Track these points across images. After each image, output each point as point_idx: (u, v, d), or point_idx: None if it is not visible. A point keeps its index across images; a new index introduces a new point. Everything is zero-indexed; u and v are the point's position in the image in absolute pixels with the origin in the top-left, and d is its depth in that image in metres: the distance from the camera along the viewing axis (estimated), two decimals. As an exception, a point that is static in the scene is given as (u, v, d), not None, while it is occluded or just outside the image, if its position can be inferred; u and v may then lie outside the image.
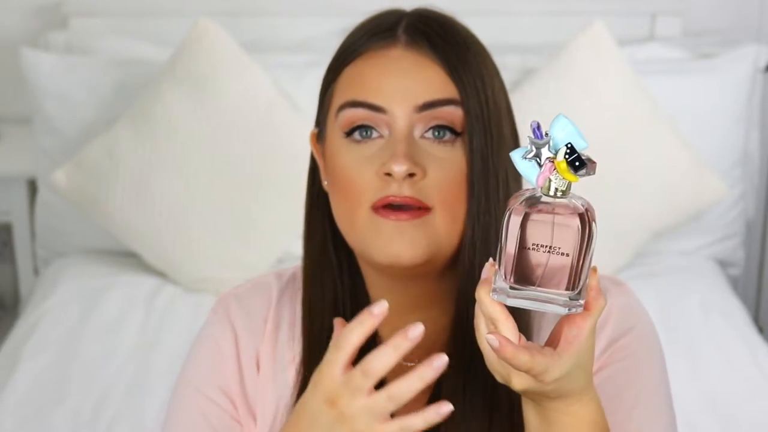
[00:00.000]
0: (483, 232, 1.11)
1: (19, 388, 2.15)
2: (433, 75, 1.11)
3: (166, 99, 2.47)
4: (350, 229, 1.13)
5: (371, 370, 0.97)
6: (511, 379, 0.99)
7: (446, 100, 1.11)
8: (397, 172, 1.08)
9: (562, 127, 0.93)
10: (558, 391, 1.00)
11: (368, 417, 0.97)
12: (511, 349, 0.95)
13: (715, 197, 2.55)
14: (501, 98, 1.14)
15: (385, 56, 1.12)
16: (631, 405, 1.15)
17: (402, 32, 1.13)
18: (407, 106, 1.10)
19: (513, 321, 0.97)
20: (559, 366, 0.97)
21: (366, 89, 1.11)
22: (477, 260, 1.11)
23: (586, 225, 0.94)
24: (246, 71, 2.49)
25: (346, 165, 1.12)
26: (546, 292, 0.96)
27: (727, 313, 2.42)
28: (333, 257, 1.19)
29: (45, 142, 2.63)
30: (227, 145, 2.46)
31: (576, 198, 0.95)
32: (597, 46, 2.50)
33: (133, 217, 2.47)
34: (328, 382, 0.99)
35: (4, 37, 2.90)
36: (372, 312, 0.98)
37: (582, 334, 0.98)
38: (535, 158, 0.94)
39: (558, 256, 0.95)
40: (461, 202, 1.11)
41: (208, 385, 1.21)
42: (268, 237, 2.50)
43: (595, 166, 0.93)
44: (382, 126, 1.11)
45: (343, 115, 1.12)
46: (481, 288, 0.98)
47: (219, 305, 1.26)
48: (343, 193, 1.12)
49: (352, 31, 1.17)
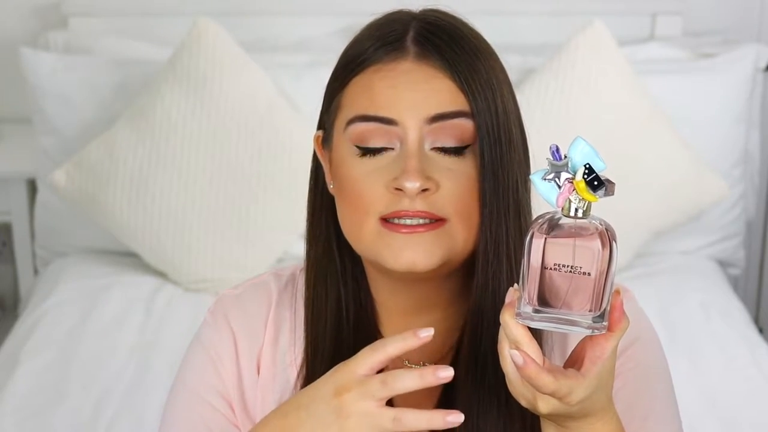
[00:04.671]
0: (495, 242, 1.11)
1: (19, 388, 2.15)
2: (443, 87, 1.10)
3: (165, 99, 2.47)
4: (358, 239, 1.13)
5: (391, 383, 0.97)
6: (537, 403, 0.99)
7: (457, 112, 1.10)
8: (410, 188, 1.07)
9: (581, 149, 0.95)
10: (582, 411, 1.00)
11: (365, 424, 0.98)
12: (535, 367, 0.96)
13: (715, 197, 2.55)
14: (510, 103, 1.13)
15: (394, 69, 1.11)
16: (644, 415, 1.15)
17: (411, 43, 1.12)
18: (418, 118, 1.09)
19: (537, 344, 0.98)
20: (584, 387, 0.98)
21: (376, 103, 1.10)
22: (490, 271, 1.11)
23: (606, 245, 0.95)
24: (246, 71, 2.49)
25: (356, 177, 1.11)
26: (570, 314, 0.96)
27: (727, 313, 2.42)
28: (337, 259, 1.18)
29: (45, 142, 2.63)
30: (227, 145, 2.46)
31: (596, 218, 0.96)
32: (597, 46, 2.50)
33: (133, 217, 2.47)
34: (347, 374, 1.00)
35: (4, 37, 2.90)
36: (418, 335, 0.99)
37: (605, 354, 0.98)
38: (554, 180, 0.95)
39: (580, 276, 0.95)
40: (475, 210, 1.10)
41: (205, 389, 1.20)
42: (268, 237, 2.50)
43: (614, 186, 0.94)
44: (392, 138, 1.10)
45: (353, 129, 1.11)
46: (506, 311, 0.98)
47: (217, 307, 1.25)
48: (351, 203, 1.12)
49: (359, 37, 1.15)
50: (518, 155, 1.12)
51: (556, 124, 2.45)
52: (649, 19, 2.86)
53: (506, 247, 1.10)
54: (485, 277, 1.11)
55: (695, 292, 2.48)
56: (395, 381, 0.97)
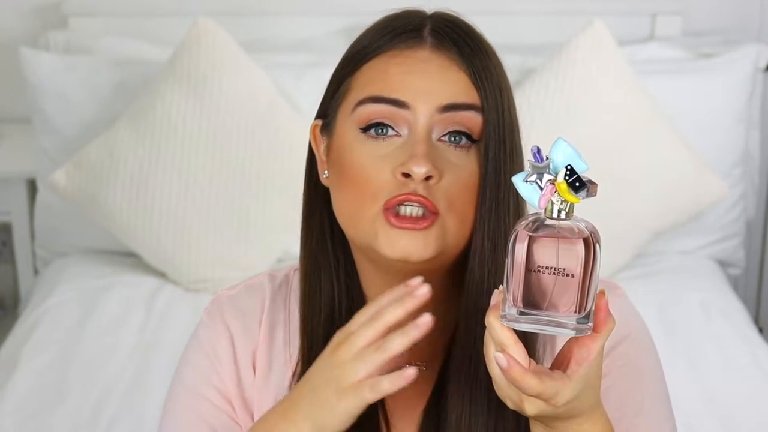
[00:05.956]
0: (492, 241, 1.11)
1: (19, 388, 2.15)
2: (457, 79, 1.11)
3: (165, 99, 2.47)
4: (355, 225, 1.12)
5: (384, 346, 0.99)
6: (523, 405, 0.99)
7: (468, 104, 1.10)
8: (417, 173, 1.07)
9: (562, 150, 0.95)
10: (569, 412, 1.00)
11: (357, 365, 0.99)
12: (519, 370, 0.96)
13: (715, 197, 2.55)
14: (513, 108, 1.15)
15: (411, 56, 1.12)
16: (634, 413, 1.15)
17: (428, 34, 1.13)
18: (430, 105, 1.10)
19: (522, 346, 0.98)
20: (570, 388, 0.98)
21: (390, 86, 1.11)
22: (485, 270, 1.11)
23: (590, 246, 0.95)
24: (246, 71, 2.49)
25: (361, 161, 1.11)
26: (555, 315, 0.96)
27: (727, 313, 2.42)
28: (330, 253, 1.19)
29: (45, 142, 2.63)
30: (227, 145, 2.46)
31: (579, 220, 0.96)
32: (597, 46, 2.50)
33: (133, 217, 2.47)
34: (342, 333, 1.03)
35: (4, 37, 2.90)
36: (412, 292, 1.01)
37: (591, 355, 0.98)
38: (536, 181, 0.95)
39: (564, 277, 0.95)
40: (470, 206, 1.11)
41: (205, 387, 1.20)
42: (267, 237, 2.50)
43: (596, 187, 0.95)
44: (401, 124, 1.10)
45: (362, 110, 1.11)
46: (491, 314, 0.98)
47: (213, 306, 1.25)
48: (354, 188, 1.11)
49: (372, 28, 1.16)
50: (520, 159, 1.13)
51: (556, 124, 2.45)
52: (649, 19, 2.86)
53: (503, 247, 1.10)
54: (480, 275, 1.11)
55: (695, 292, 2.48)
56: (388, 343, 0.99)
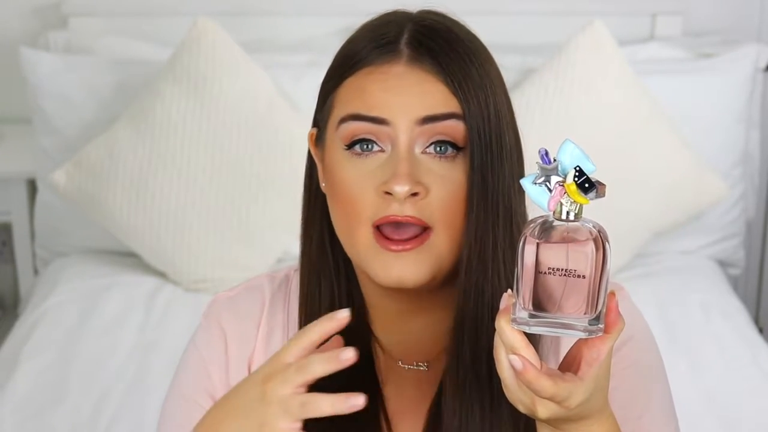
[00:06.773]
0: (480, 249, 1.10)
1: (19, 388, 2.15)
2: (435, 90, 1.09)
3: (165, 99, 2.47)
4: (350, 245, 1.12)
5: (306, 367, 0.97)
6: (535, 408, 0.99)
7: (448, 114, 1.09)
8: (399, 192, 1.07)
9: (570, 152, 0.94)
10: (580, 414, 1.00)
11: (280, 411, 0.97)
12: (534, 372, 0.95)
13: (715, 197, 2.55)
14: (504, 107, 1.12)
15: (387, 72, 1.10)
16: (638, 414, 1.15)
17: (405, 46, 1.11)
18: (409, 119, 1.09)
19: (533, 349, 0.97)
20: (582, 390, 0.97)
21: (368, 104, 1.10)
22: (474, 278, 1.11)
23: (600, 247, 0.95)
24: (246, 71, 2.49)
25: (347, 179, 1.10)
26: (565, 317, 0.96)
27: (727, 313, 2.42)
28: (330, 257, 1.18)
29: (45, 142, 2.63)
30: (227, 145, 2.46)
31: (588, 221, 0.96)
32: (597, 46, 2.50)
33: (133, 217, 2.47)
34: (275, 363, 1.00)
35: (4, 37, 2.90)
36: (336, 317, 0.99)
37: (601, 356, 0.98)
38: (544, 184, 0.95)
39: (574, 279, 0.95)
40: (461, 217, 1.10)
41: (199, 393, 1.20)
42: (267, 237, 2.50)
43: (604, 188, 0.94)
44: (384, 139, 1.10)
45: (345, 128, 1.11)
46: (501, 317, 0.98)
47: (210, 309, 1.25)
48: (343, 206, 1.11)
49: (354, 37, 1.15)
50: (511, 161, 1.11)
51: (556, 124, 2.45)
52: (649, 19, 2.86)
53: (493, 254, 1.09)
54: (468, 283, 1.11)
55: (695, 292, 2.48)
56: (309, 364, 0.97)
